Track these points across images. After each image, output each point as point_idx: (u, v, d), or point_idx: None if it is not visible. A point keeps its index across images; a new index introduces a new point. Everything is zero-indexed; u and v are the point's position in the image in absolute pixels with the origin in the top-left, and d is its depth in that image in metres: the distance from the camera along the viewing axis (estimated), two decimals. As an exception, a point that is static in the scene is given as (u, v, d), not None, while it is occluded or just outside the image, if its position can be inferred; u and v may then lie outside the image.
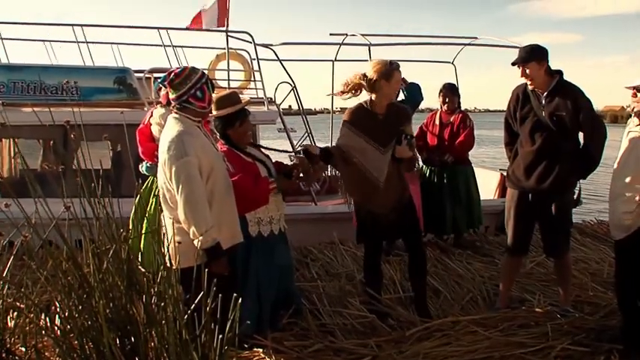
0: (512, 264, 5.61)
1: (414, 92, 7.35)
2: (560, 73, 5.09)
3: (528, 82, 5.10)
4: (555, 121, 4.99)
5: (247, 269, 4.56)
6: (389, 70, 5.01)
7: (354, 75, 5.13)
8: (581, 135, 5.11)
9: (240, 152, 4.60)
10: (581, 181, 5.32)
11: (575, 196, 5.43)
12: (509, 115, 5.37)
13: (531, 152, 5.14)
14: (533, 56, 5.00)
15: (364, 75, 5.06)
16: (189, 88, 3.97)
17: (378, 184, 5.10)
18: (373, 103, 5.13)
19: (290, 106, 9.69)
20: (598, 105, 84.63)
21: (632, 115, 4.51)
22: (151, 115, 6.13)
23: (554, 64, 5.05)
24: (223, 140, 4.60)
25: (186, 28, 9.98)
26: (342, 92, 5.16)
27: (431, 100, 8.46)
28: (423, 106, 7.71)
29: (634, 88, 4.42)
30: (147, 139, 6.09)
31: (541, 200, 5.17)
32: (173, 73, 4.00)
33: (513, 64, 5.09)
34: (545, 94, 5.05)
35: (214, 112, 4.54)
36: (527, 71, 5.02)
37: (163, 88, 5.48)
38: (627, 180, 4.43)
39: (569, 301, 5.49)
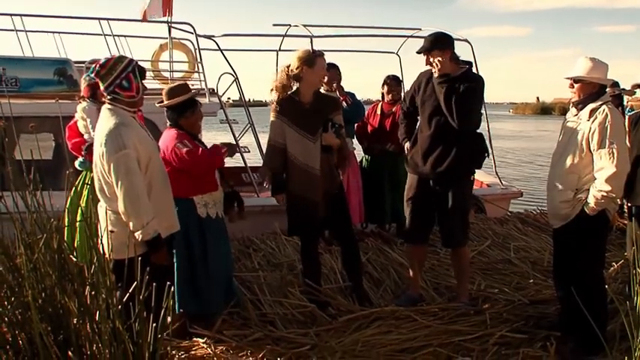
0: (413, 252, 5.61)
1: (356, 112, 7.24)
2: (470, 65, 5.12)
3: (434, 70, 5.05)
4: None
5: (205, 249, 4.75)
6: (311, 57, 5.05)
7: (279, 72, 5.14)
8: None
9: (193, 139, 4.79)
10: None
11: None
12: (410, 93, 5.40)
13: (429, 137, 5.13)
14: (435, 45, 4.98)
15: (287, 66, 5.09)
16: (114, 78, 3.88)
17: (314, 173, 5.12)
18: (299, 92, 5.16)
19: (230, 98, 9.66)
20: (548, 97, 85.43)
21: (571, 105, 4.54)
22: None
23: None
24: (176, 128, 4.73)
25: (143, 20, 9.85)
26: (278, 95, 5.14)
27: (372, 91, 8.55)
28: (365, 97, 7.66)
29: (571, 78, 4.42)
30: (75, 135, 6.07)
31: (439, 187, 5.15)
32: (98, 64, 3.90)
33: (418, 52, 5.08)
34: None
35: (165, 102, 4.65)
36: (432, 59, 5.00)
37: (89, 79, 5.47)
38: (564, 169, 4.45)
39: (466, 294, 5.46)
